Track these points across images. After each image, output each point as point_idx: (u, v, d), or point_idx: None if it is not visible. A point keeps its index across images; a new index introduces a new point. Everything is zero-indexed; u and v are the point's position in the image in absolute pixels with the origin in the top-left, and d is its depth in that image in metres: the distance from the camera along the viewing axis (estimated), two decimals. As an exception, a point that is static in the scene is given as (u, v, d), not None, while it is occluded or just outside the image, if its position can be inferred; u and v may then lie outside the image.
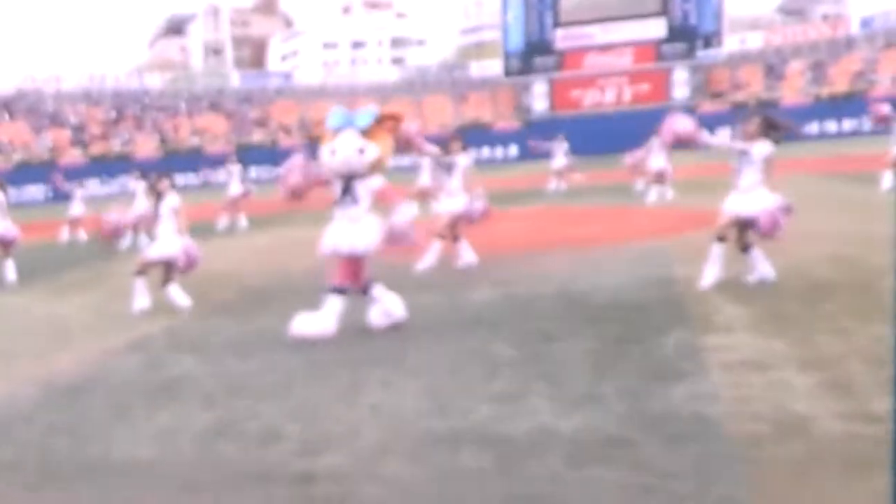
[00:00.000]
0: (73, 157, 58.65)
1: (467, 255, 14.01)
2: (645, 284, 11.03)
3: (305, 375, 7.91)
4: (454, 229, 14.00)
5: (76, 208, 26.25)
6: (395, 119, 9.64)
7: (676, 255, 13.24)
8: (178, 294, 12.09)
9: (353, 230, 9.38)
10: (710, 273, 10.54)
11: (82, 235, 25.44)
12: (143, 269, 12.09)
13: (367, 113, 9.43)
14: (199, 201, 27.24)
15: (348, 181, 9.38)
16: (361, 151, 9.23)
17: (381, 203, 9.52)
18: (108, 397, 7.73)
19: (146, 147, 61.07)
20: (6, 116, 63.22)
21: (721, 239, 10.54)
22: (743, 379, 6.82)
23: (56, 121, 64.32)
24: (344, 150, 9.26)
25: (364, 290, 9.58)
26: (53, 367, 9.06)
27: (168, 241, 12.01)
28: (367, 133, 9.29)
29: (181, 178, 51.46)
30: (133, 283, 12.05)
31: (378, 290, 9.59)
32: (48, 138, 60.90)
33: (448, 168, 13.98)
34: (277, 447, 6.06)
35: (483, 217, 14.09)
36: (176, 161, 52.37)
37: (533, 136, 37.24)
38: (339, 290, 9.43)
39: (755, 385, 6.64)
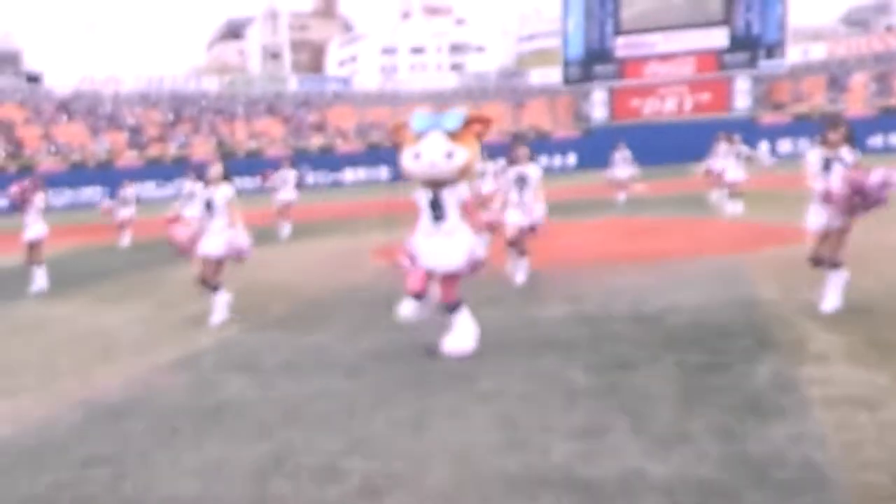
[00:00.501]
0: (130, 159, 58.64)
1: (522, 273, 13.32)
2: (726, 305, 10.28)
3: (367, 402, 7.31)
4: (521, 244, 13.33)
5: (126, 210, 25.88)
6: (483, 122, 8.93)
7: (756, 273, 12.50)
8: (220, 305, 11.57)
9: (447, 246, 8.80)
10: (831, 300, 9.65)
11: (127, 239, 25.12)
12: (207, 278, 11.59)
13: (455, 115, 8.79)
14: (258, 205, 26.62)
15: (434, 190, 8.78)
16: (450, 155, 8.57)
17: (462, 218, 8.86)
18: (152, 422, 7.20)
19: (203, 150, 60.96)
20: (64, 117, 63.40)
21: (818, 262, 9.73)
22: (850, 419, 6.13)
23: (113, 122, 64.47)
24: (430, 153, 8.60)
25: (451, 309, 8.93)
26: (95, 387, 8.55)
27: (215, 238, 11.51)
28: (454, 136, 8.65)
29: (238, 182, 51.18)
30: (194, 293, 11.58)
31: (460, 318, 8.93)
32: (105, 140, 60.99)
33: (521, 180, 13.22)
34: (336, 486, 5.48)
35: (543, 230, 13.45)
36: (233, 164, 51.23)
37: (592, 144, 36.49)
38: (417, 296, 8.85)
39: (865, 426, 5.95)
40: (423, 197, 8.87)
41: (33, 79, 68.20)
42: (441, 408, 6.96)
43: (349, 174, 61.73)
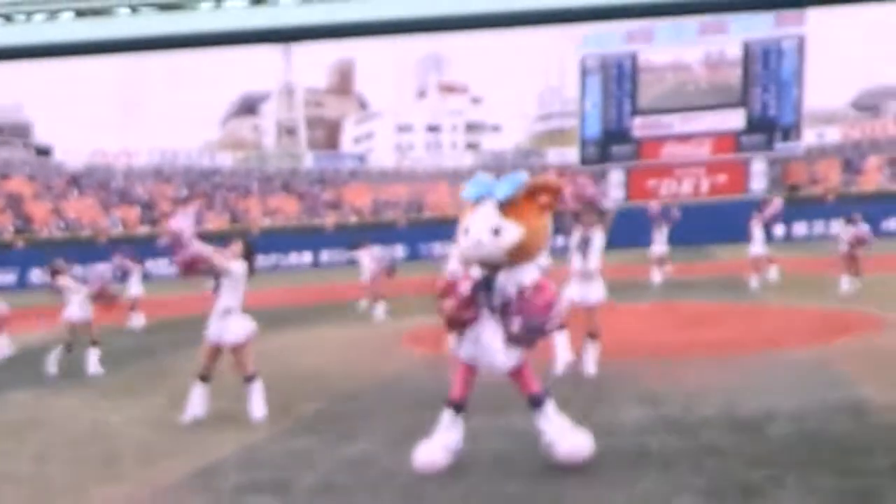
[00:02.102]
0: (142, 234, 57.47)
1: (592, 362, 11.83)
2: (832, 412, 8.82)
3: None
4: (592, 323, 11.88)
5: (134, 288, 23.96)
6: (551, 191, 7.39)
7: (845, 369, 11.10)
8: (257, 399, 10.18)
9: (493, 338, 7.33)
10: None
11: (140, 319, 23.38)
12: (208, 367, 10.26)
13: (510, 180, 7.28)
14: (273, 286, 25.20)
15: (489, 273, 7.33)
16: (496, 232, 7.09)
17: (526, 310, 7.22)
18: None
19: (216, 226, 59.86)
20: (75, 192, 62.42)
21: None
22: None
23: (125, 198, 63.47)
24: (475, 229, 7.19)
25: (537, 401, 7.42)
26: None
27: (233, 322, 10.22)
28: (508, 208, 7.16)
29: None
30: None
31: (550, 412, 7.46)
32: (117, 215, 59.94)
33: (583, 244, 11.79)
34: None
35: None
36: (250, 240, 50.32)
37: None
38: (457, 407, 7.51)
39: None
40: (476, 276, 7.45)
41: (43, 152, 67.19)
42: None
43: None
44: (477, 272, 7.39)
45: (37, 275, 49.03)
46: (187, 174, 68.43)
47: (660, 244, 27.12)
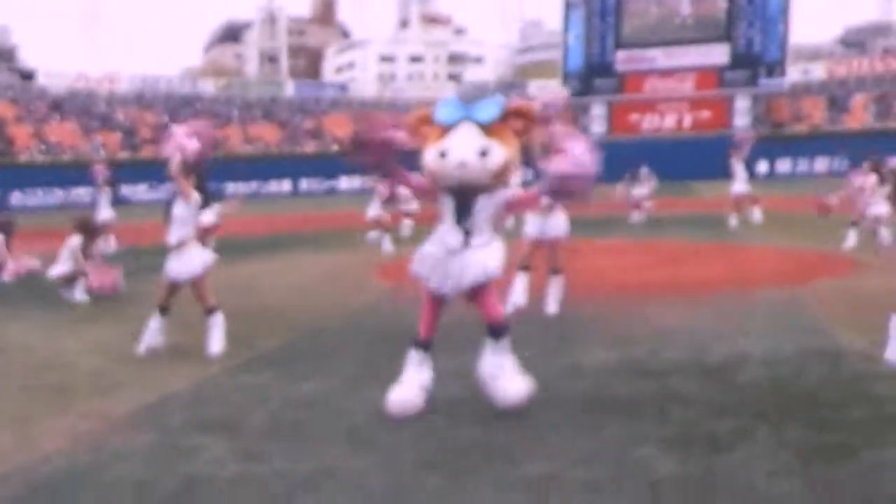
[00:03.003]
0: (123, 160, 56.78)
1: (554, 301, 11.59)
2: (806, 357, 8.50)
3: (378, 489, 5.59)
4: (554, 259, 11.59)
5: (104, 212, 23.22)
6: (525, 117, 7.07)
7: (821, 312, 10.82)
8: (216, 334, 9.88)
9: (474, 259, 6.99)
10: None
11: (111, 244, 22.70)
12: (167, 299, 9.92)
13: (491, 103, 6.96)
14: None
15: (463, 197, 7.00)
16: (484, 154, 6.82)
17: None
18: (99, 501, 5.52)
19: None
20: (57, 116, 61.65)
21: None
22: None
23: (107, 123, 62.76)
24: (460, 150, 6.84)
25: (497, 332, 7.07)
26: (35, 447, 6.72)
27: (189, 255, 9.84)
28: (489, 130, 6.88)
29: (232, 187, 50.04)
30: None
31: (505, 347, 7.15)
32: (99, 140, 59.25)
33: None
34: None
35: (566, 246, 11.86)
36: (228, 169, 51.38)
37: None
38: (425, 346, 7.19)
39: None
40: (447, 204, 7.10)
41: (27, 76, 66.40)
42: (486, 500, 5.29)
43: (344, 182, 59.82)
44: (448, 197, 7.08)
45: (17, 197, 48.69)
46: (168, 101, 67.73)
47: (643, 186, 26.76)
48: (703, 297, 12.41)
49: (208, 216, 17.18)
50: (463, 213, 6.99)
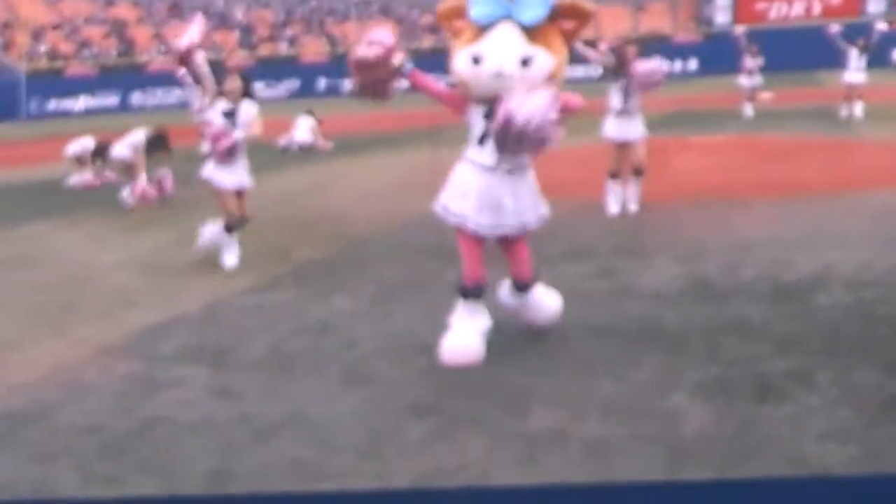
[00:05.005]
0: (241, 58, 56.59)
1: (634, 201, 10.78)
2: (897, 280, 7.30)
3: (358, 437, 4.76)
4: (634, 164, 10.75)
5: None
6: (579, 16, 5.78)
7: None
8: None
9: (514, 189, 5.85)
10: None
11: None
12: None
13: (536, 2, 5.66)
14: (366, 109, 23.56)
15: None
16: (526, 62, 5.61)
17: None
18: (34, 451, 4.86)
19: (313, 51, 58.69)
20: (175, 18, 61.72)
21: None
22: None
23: (224, 22, 62.59)
24: (497, 57, 5.64)
25: (523, 287, 6.06)
26: (12, 375, 6.15)
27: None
28: (533, 34, 5.65)
29: (349, 84, 49.55)
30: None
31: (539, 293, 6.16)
32: (216, 39, 59.18)
33: (624, 83, 10.48)
34: None
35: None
36: (345, 66, 50.05)
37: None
38: (474, 293, 5.97)
39: None
40: (478, 119, 5.86)
41: (147, -24, 66.61)
42: (471, 458, 4.42)
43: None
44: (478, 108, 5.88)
45: (137, 98, 48.79)
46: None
47: (748, 76, 24.64)
48: (796, 200, 11.06)
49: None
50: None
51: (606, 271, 7.93)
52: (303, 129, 20.47)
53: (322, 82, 50.44)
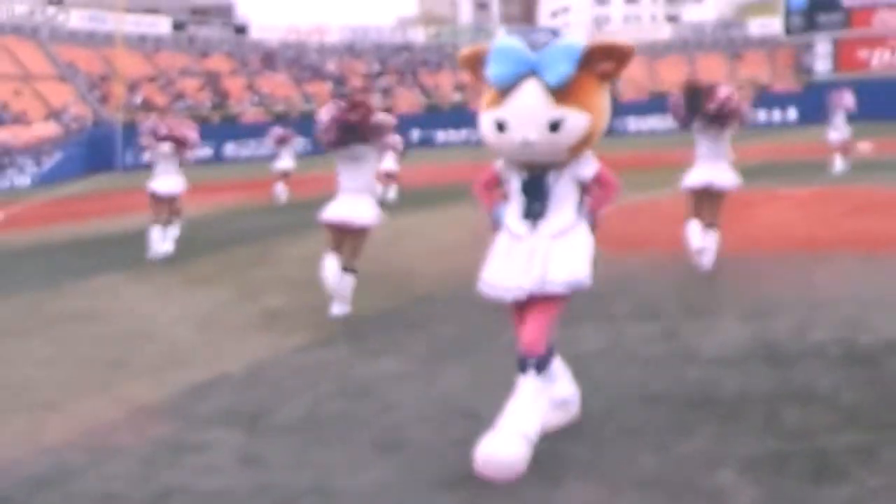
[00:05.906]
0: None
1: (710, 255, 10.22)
2: None
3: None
4: (713, 212, 10.28)
5: (285, 162, 23.88)
6: (617, 55, 4.98)
7: None
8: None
9: (548, 254, 5.08)
10: None
11: (283, 194, 23.18)
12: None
13: (563, 52, 4.89)
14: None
15: (534, 172, 5.13)
16: (556, 127, 4.89)
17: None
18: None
19: (407, 102, 59.03)
20: (268, 69, 62.62)
21: None
22: None
23: (317, 74, 63.29)
24: (522, 126, 4.92)
25: (532, 366, 5.02)
26: (43, 437, 5.95)
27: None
28: (562, 93, 4.87)
29: (443, 135, 50.24)
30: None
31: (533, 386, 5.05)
32: (309, 90, 59.83)
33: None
34: None
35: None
36: (438, 117, 53.73)
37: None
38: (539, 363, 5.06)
39: None
40: (514, 180, 5.24)
41: (241, 30, 67.89)
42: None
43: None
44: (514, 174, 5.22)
45: (231, 149, 49.48)
46: (379, 50, 67.85)
47: (837, 130, 23.33)
48: (884, 256, 10.49)
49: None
50: (532, 190, 5.16)
51: (669, 333, 7.48)
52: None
53: (415, 133, 50.55)
